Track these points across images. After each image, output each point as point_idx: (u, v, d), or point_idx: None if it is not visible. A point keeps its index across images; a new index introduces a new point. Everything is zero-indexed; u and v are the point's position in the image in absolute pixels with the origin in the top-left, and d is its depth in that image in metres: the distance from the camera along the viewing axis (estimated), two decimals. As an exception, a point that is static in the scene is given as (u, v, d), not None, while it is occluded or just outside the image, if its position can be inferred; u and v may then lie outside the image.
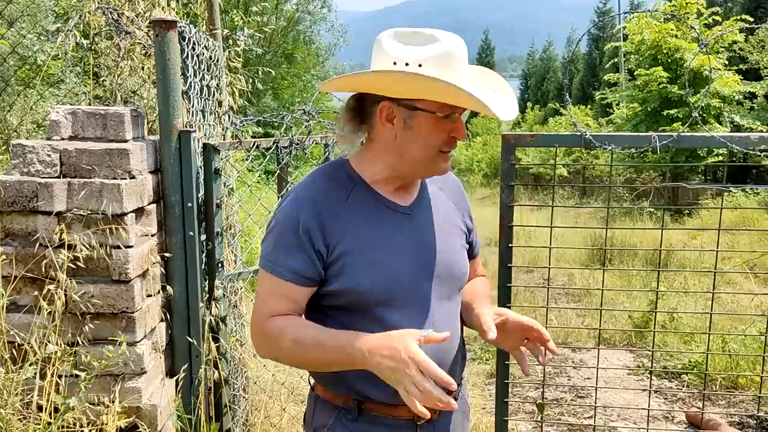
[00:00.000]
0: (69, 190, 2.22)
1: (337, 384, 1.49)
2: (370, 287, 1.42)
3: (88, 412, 2.25)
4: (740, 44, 16.34)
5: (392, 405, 1.45)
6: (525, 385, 4.57)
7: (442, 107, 1.39)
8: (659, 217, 12.89)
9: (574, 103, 29.48)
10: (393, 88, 1.38)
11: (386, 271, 1.44)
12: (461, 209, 1.66)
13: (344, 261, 1.42)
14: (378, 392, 1.44)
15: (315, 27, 23.23)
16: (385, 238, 1.46)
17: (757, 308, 5.96)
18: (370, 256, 1.43)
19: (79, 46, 3.10)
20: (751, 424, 3.92)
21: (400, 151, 1.44)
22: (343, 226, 1.43)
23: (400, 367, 1.27)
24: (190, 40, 2.62)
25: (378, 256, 1.44)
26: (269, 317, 1.44)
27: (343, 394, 1.49)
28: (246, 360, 3.13)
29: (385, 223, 1.47)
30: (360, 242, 1.43)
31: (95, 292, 2.25)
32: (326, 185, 1.48)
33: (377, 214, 1.47)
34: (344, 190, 1.47)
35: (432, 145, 1.43)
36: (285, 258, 1.43)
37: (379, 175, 1.49)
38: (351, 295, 1.43)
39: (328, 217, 1.43)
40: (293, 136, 2.83)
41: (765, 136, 2.32)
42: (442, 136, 1.43)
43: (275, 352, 1.46)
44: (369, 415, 1.47)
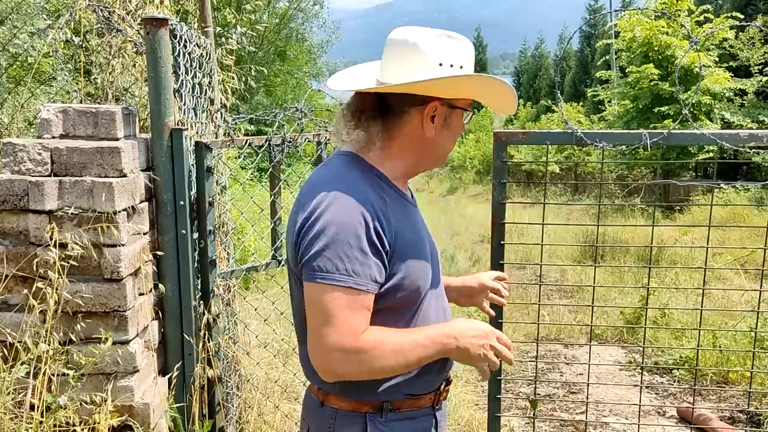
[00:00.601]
0: (60, 188, 2.22)
1: (366, 391, 1.47)
2: (420, 280, 1.49)
3: (80, 411, 2.24)
4: (731, 41, 16.43)
5: (417, 396, 1.54)
6: (518, 380, 4.59)
7: (469, 104, 1.53)
8: (650, 214, 12.95)
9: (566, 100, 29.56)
10: (442, 88, 1.46)
11: (426, 261, 1.52)
12: None
13: (399, 258, 1.43)
14: (406, 387, 1.51)
15: (307, 24, 23.17)
16: (416, 232, 1.53)
17: (747, 304, 6.01)
18: (416, 250, 1.49)
19: (70, 44, 3.08)
20: (741, 419, 3.95)
21: (433, 148, 1.53)
22: (393, 222, 1.43)
23: (488, 342, 1.47)
24: (182, 37, 2.61)
25: (417, 248, 1.50)
26: (359, 334, 1.35)
27: (372, 399, 1.48)
28: (239, 358, 3.13)
29: (409, 216, 1.54)
30: (406, 237, 1.46)
31: (87, 290, 2.25)
32: (366, 181, 1.44)
33: (404, 208, 1.53)
34: (379, 186, 1.47)
35: (453, 140, 1.56)
36: (362, 267, 1.34)
37: (399, 171, 1.54)
38: (406, 290, 1.45)
39: (384, 216, 1.41)
40: (286, 134, 2.82)
41: (755, 133, 2.34)
42: (461, 130, 1.56)
43: (373, 366, 1.37)
44: (397, 413, 1.51)
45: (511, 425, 3.85)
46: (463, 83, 1.49)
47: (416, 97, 1.46)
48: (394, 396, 1.50)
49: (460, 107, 1.51)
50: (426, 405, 1.56)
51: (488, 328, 1.49)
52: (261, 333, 3.61)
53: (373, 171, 1.49)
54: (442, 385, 1.61)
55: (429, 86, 1.44)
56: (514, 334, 5.50)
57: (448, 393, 1.65)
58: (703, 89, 14.75)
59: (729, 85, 15.16)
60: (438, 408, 1.60)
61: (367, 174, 1.47)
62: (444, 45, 1.46)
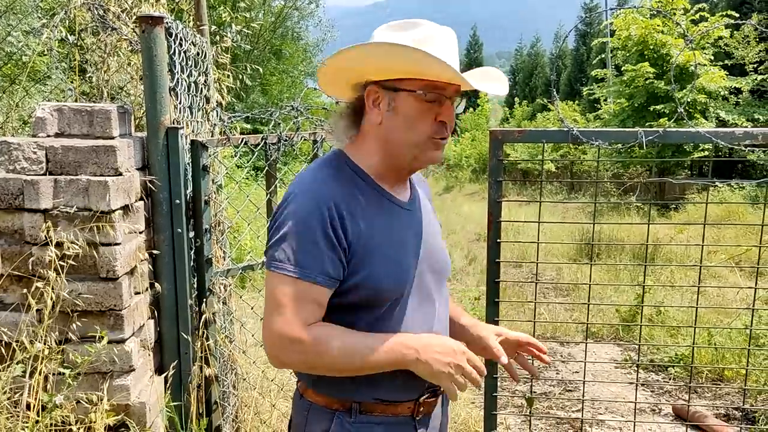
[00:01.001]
0: (55, 187, 2.21)
1: (337, 388, 1.46)
2: (386, 282, 1.42)
3: (76, 410, 2.24)
4: (726, 40, 16.47)
5: (393, 403, 1.48)
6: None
7: (423, 86, 1.40)
8: (646, 212, 12.99)
9: (562, 98, 29.59)
10: (378, 65, 1.40)
11: (398, 264, 1.46)
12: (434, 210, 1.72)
13: (362, 256, 1.41)
14: (378, 392, 1.45)
15: (303, 23, 23.14)
16: (394, 233, 1.47)
17: (743, 301, 6.03)
18: (385, 251, 1.43)
19: (64, 42, 3.07)
20: (736, 416, 3.97)
21: (387, 137, 1.45)
22: (360, 221, 1.41)
23: (455, 362, 1.39)
24: (177, 36, 2.60)
25: (390, 250, 1.45)
26: (305, 326, 1.36)
27: (342, 398, 1.47)
28: (235, 357, 3.13)
29: (392, 217, 1.49)
30: (375, 237, 1.43)
31: (83, 289, 2.24)
32: (336, 181, 1.44)
33: (384, 208, 1.48)
34: (353, 183, 1.46)
35: (420, 129, 1.42)
36: (313, 260, 1.36)
37: (376, 167, 1.49)
38: (368, 290, 1.42)
39: (347, 212, 1.40)
40: (281, 133, 2.82)
41: (749, 131, 2.35)
42: (428, 118, 1.42)
43: (315, 360, 1.37)
44: (368, 416, 1.47)
45: (508, 423, 3.85)
46: (392, 58, 1.36)
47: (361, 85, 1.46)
48: (363, 398, 1.46)
49: (406, 89, 1.40)
50: (404, 414, 1.49)
51: (459, 347, 1.41)
52: (257, 331, 3.61)
53: (354, 169, 1.48)
54: (424, 396, 1.51)
55: (364, 65, 1.42)
56: (510, 332, 5.50)
57: (431, 406, 1.54)
58: (699, 88, 14.79)
59: (724, 84, 15.20)
60: (420, 419, 1.52)
61: (343, 172, 1.46)
62: (398, 28, 1.43)
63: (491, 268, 2.56)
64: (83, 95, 3.25)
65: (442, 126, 1.44)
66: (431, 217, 1.64)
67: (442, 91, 1.41)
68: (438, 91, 1.41)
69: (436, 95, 1.41)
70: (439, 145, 1.46)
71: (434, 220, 1.66)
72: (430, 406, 1.54)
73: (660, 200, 15.35)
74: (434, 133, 1.43)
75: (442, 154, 1.50)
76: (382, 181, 1.50)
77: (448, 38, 1.44)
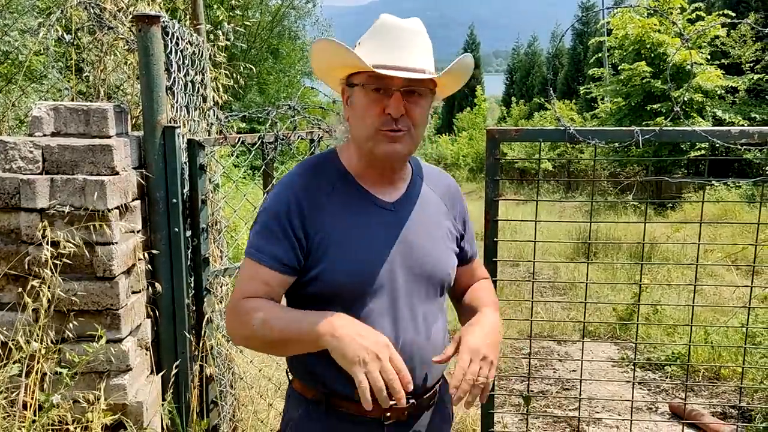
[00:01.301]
0: (52, 186, 2.21)
1: (309, 377, 1.50)
2: (343, 276, 1.44)
3: (73, 410, 2.24)
4: (722, 39, 16.49)
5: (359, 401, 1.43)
6: (511, 377, 4.61)
7: (365, 79, 1.41)
8: (643, 211, 13.00)
9: (559, 97, 29.61)
10: (330, 64, 1.47)
11: (361, 262, 1.45)
12: (454, 213, 1.64)
13: (322, 250, 1.44)
14: (344, 387, 1.44)
15: (300, 22, 23.14)
16: (364, 231, 1.47)
17: (739, 300, 6.04)
18: (347, 247, 1.45)
19: (61, 41, 3.07)
20: (733, 414, 3.98)
21: (352, 132, 1.49)
22: (325, 217, 1.45)
23: (373, 349, 1.29)
24: (174, 35, 2.60)
25: (355, 247, 1.45)
26: (243, 298, 1.45)
27: (313, 388, 1.50)
28: (233, 356, 3.13)
29: (366, 216, 1.49)
30: (339, 233, 1.45)
31: (79, 289, 2.24)
32: (312, 176, 1.50)
33: (359, 207, 1.49)
34: (329, 181, 1.49)
35: (368, 122, 1.42)
36: (267, 244, 1.44)
37: (356, 165, 1.51)
38: (325, 284, 1.44)
39: (310, 207, 1.45)
40: (278, 132, 2.82)
41: (746, 131, 2.35)
42: (375, 110, 1.41)
43: (245, 331, 1.42)
44: (337, 411, 1.48)
45: (505, 422, 3.86)
46: (337, 57, 1.43)
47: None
48: (330, 390, 1.47)
49: (355, 84, 1.44)
50: (370, 414, 1.42)
51: (384, 341, 1.32)
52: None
53: (338, 167, 1.52)
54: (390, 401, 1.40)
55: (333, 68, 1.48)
56: (507, 330, 5.52)
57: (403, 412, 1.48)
58: (695, 87, 14.81)
59: (721, 83, 15.22)
60: (391, 424, 1.49)
61: (325, 169, 1.51)
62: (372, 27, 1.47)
63: (488, 267, 2.56)
64: (80, 94, 3.24)
65: (388, 118, 1.41)
66: (432, 220, 1.57)
67: (383, 83, 1.40)
68: (380, 83, 1.40)
69: (380, 86, 1.40)
70: (393, 138, 1.42)
71: (439, 223, 1.59)
72: (401, 413, 1.48)
73: (657, 199, 15.38)
74: (381, 125, 1.42)
75: (398, 148, 1.44)
76: (363, 179, 1.51)
77: (401, 27, 1.44)
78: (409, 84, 1.41)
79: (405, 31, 1.43)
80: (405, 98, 1.41)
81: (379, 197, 1.51)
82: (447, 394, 1.66)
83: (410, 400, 1.48)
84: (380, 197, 1.52)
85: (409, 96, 1.42)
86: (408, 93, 1.42)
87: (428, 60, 1.45)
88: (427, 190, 1.60)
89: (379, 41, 1.42)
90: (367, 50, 1.42)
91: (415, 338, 1.49)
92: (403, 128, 1.42)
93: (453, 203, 1.65)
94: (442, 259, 1.56)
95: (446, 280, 1.58)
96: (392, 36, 1.42)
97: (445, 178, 1.68)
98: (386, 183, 1.53)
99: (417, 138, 1.47)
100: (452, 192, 1.66)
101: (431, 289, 1.55)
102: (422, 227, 1.54)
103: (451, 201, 1.65)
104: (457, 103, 39.03)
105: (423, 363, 1.50)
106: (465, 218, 1.68)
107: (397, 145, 1.44)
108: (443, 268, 1.56)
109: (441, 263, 1.56)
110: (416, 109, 1.43)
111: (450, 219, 1.62)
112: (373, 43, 1.42)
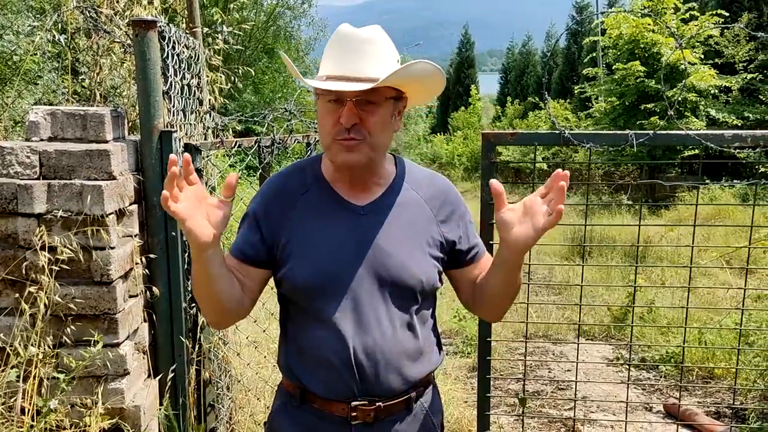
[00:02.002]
0: (49, 191, 2.21)
1: (288, 372, 1.57)
2: (304, 278, 1.49)
3: (70, 415, 2.24)
4: (716, 39, 16.56)
5: (329, 400, 1.51)
6: (507, 378, 4.63)
7: (322, 91, 1.45)
8: (637, 211, 13.05)
9: (554, 97, 29.64)
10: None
11: (322, 265, 1.48)
12: (441, 218, 1.59)
13: (287, 252, 1.50)
14: (314, 384, 1.51)
15: (295, 22, 23.09)
16: (330, 235, 1.50)
17: (732, 300, 6.08)
18: (310, 249, 1.49)
19: (56, 44, 3.07)
20: (727, 414, 4.01)
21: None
22: (292, 219, 1.51)
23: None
24: (170, 39, 2.60)
25: (318, 250, 1.49)
26: None
27: (292, 382, 1.57)
28: (229, 358, 3.14)
29: (334, 220, 1.51)
30: (304, 236, 1.50)
31: (77, 293, 2.24)
32: (292, 177, 1.58)
33: (328, 211, 1.52)
34: (305, 184, 1.55)
35: (324, 131, 1.47)
36: (239, 237, 1.57)
37: (330, 170, 1.56)
38: (289, 284, 1.52)
39: (281, 208, 1.53)
40: (275, 135, 2.83)
41: (738, 134, 2.37)
42: (330, 120, 1.44)
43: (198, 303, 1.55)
44: (311, 406, 1.53)
45: (501, 422, 3.88)
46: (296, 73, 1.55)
47: None
48: (303, 386, 1.53)
49: (317, 93, 1.48)
50: (338, 413, 1.49)
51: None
52: (251, 333, 3.61)
53: (315, 172, 1.57)
54: (356, 402, 1.48)
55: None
56: (503, 331, 5.54)
57: (369, 415, 1.49)
58: (689, 86, 14.87)
59: (714, 83, 15.29)
60: (358, 423, 1.49)
61: (303, 173, 1.58)
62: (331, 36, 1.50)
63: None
64: (75, 95, 3.24)
65: (340, 127, 1.42)
66: (408, 225, 1.54)
67: (337, 93, 1.42)
68: (333, 94, 1.42)
69: (334, 97, 1.43)
70: (348, 147, 1.43)
71: (418, 228, 1.55)
72: (366, 415, 1.49)
73: (651, 198, 15.44)
74: (336, 135, 1.44)
75: (357, 156, 1.44)
76: (337, 184, 1.55)
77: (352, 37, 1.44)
78: (362, 94, 1.41)
79: (358, 41, 1.43)
80: (360, 108, 1.42)
81: (350, 201, 1.52)
82: (434, 399, 1.65)
83: (376, 402, 1.49)
84: (352, 201, 1.52)
85: (364, 105, 1.42)
86: (363, 102, 1.42)
87: (383, 68, 1.42)
88: (409, 194, 1.57)
89: (334, 51, 1.45)
90: (325, 60, 1.47)
91: (380, 342, 1.48)
92: (357, 137, 1.43)
93: (442, 207, 1.60)
94: (413, 265, 1.51)
95: (417, 287, 1.52)
96: (345, 46, 1.44)
97: (437, 181, 1.64)
98: (359, 188, 1.54)
99: (377, 145, 1.46)
100: (443, 195, 1.61)
101: (401, 293, 1.51)
102: (394, 231, 1.52)
103: (439, 205, 1.59)
104: (452, 103, 39.06)
105: (389, 366, 1.49)
106: (463, 220, 1.63)
107: (353, 155, 1.44)
108: (413, 274, 1.51)
109: (410, 269, 1.51)
110: (371, 117, 1.43)
111: (435, 224, 1.57)
112: (329, 53, 1.46)
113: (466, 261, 1.65)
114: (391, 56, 1.47)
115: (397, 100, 1.49)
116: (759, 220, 9.51)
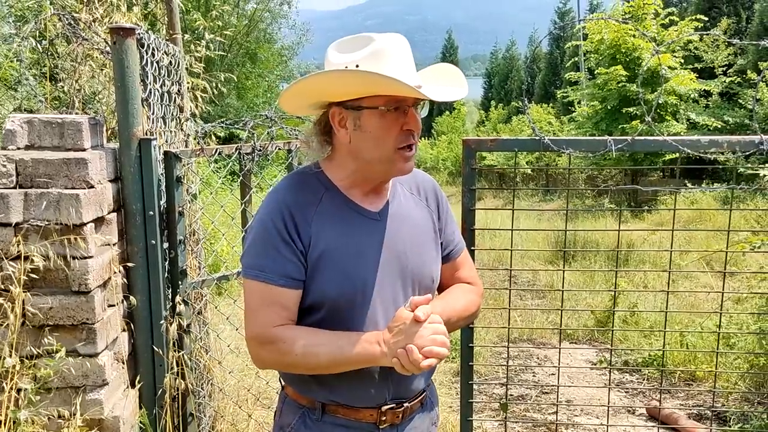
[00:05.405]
0: (26, 200, 2.18)
1: (304, 386, 1.53)
2: (332, 289, 1.46)
3: (48, 426, 2.21)
4: (695, 44, 16.79)
5: (356, 408, 1.51)
6: (491, 383, 4.64)
7: (385, 102, 1.42)
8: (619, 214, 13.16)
9: (537, 101, 29.86)
10: (334, 90, 1.44)
11: (353, 276, 1.47)
12: (433, 210, 1.66)
13: (312, 263, 1.46)
14: (337, 394, 1.50)
15: (275, 24, 22.97)
16: (353, 244, 1.49)
17: (714, 301, 6.14)
18: (338, 261, 1.46)
19: (35, 50, 3.04)
20: (708, 416, 4.04)
21: (356, 154, 1.47)
22: (315, 231, 1.46)
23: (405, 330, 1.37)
24: (149, 46, 2.59)
25: (345, 261, 1.47)
26: (270, 327, 1.44)
27: (308, 396, 1.53)
28: (211, 367, 3.11)
29: (355, 228, 1.50)
30: (329, 248, 1.46)
31: (54, 303, 2.22)
32: (299, 191, 1.50)
33: (347, 219, 1.50)
34: (316, 195, 1.50)
35: (385, 143, 1.44)
36: (274, 264, 1.44)
37: (348, 179, 1.52)
38: (316, 296, 1.47)
39: (303, 218, 1.46)
40: (255, 142, 2.82)
41: (714, 140, 2.40)
42: (394, 130, 1.44)
43: (287, 359, 1.44)
44: (332, 416, 1.52)
45: (485, 427, 3.88)
46: (349, 80, 1.40)
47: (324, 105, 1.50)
48: (325, 399, 1.51)
49: (369, 107, 1.42)
50: (366, 420, 1.52)
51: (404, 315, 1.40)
52: (233, 340, 3.59)
53: (322, 181, 1.52)
54: (387, 406, 1.53)
55: (312, 90, 1.45)
56: (487, 335, 5.55)
57: (398, 416, 1.54)
58: (669, 90, 15.05)
59: (694, 87, 15.50)
60: (385, 429, 1.53)
61: (310, 182, 1.52)
62: (343, 50, 1.45)
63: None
64: (55, 101, 3.21)
65: (408, 134, 1.46)
66: (416, 223, 1.60)
67: (404, 102, 1.43)
68: (399, 103, 1.43)
69: (398, 105, 1.43)
70: (408, 157, 1.47)
71: (424, 224, 1.62)
72: (395, 417, 1.54)
73: (633, 202, 15.58)
74: (401, 143, 1.45)
75: (411, 164, 1.51)
76: (351, 192, 1.53)
77: (400, 48, 1.45)
78: (417, 100, 1.46)
79: (402, 49, 1.45)
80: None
81: (364, 207, 1.53)
82: (435, 395, 1.74)
83: (404, 404, 1.55)
84: (366, 207, 1.53)
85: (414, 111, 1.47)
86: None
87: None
88: (407, 195, 1.63)
89: (387, 63, 1.40)
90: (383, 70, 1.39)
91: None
92: (415, 142, 1.49)
93: (430, 198, 1.67)
94: (430, 266, 1.60)
95: (434, 284, 1.62)
96: (394, 57, 1.43)
97: (419, 175, 1.69)
98: (372, 194, 1.55)
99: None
100: (428, 187, 1.68)
101: (420, 292, 1.57)
102: (407, 233, 1.56)
103: (429, 196, 1.67)
104: (436, 107, 39.21)
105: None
106: (444, 211, 1.69)
107: (410, 163, 1.50)
108: (430, 272, 1.60)
109: (427, 265, 1.59)
110: (418, 121, 1.49)
111: (431, 219, 1.64)
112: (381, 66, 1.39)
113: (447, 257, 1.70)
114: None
115: None
116: (739, 222, 9.63)
